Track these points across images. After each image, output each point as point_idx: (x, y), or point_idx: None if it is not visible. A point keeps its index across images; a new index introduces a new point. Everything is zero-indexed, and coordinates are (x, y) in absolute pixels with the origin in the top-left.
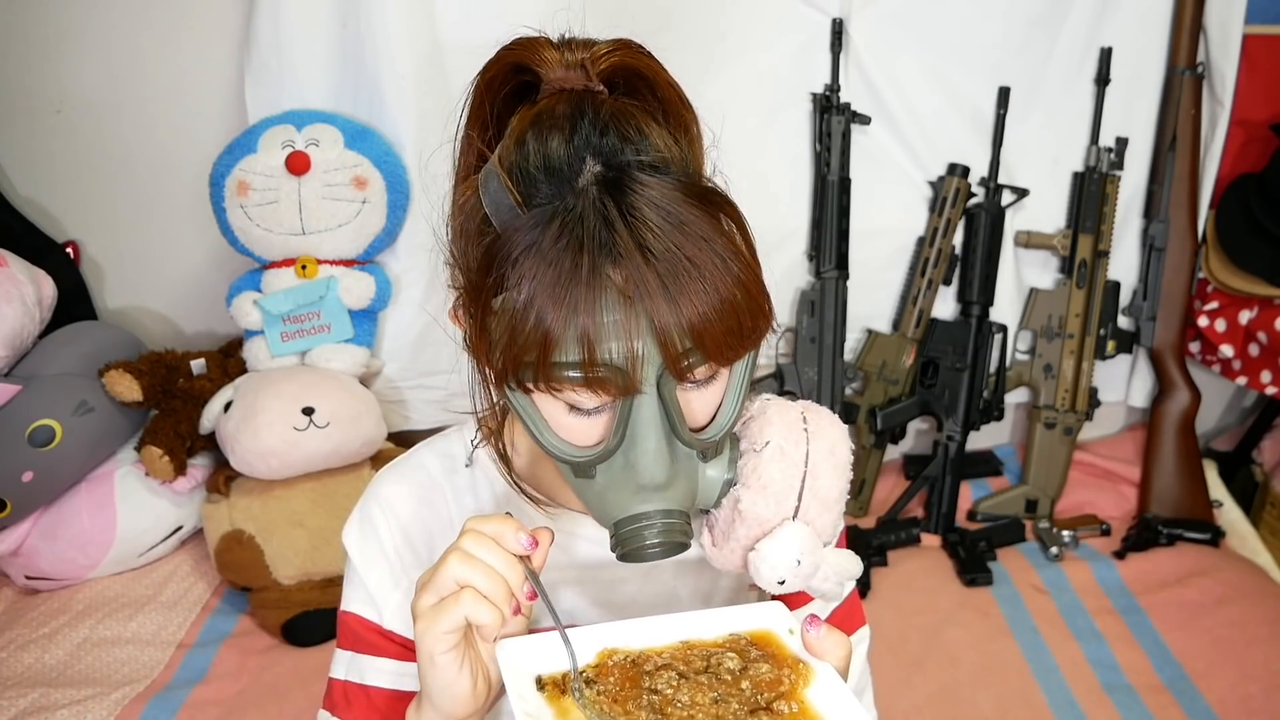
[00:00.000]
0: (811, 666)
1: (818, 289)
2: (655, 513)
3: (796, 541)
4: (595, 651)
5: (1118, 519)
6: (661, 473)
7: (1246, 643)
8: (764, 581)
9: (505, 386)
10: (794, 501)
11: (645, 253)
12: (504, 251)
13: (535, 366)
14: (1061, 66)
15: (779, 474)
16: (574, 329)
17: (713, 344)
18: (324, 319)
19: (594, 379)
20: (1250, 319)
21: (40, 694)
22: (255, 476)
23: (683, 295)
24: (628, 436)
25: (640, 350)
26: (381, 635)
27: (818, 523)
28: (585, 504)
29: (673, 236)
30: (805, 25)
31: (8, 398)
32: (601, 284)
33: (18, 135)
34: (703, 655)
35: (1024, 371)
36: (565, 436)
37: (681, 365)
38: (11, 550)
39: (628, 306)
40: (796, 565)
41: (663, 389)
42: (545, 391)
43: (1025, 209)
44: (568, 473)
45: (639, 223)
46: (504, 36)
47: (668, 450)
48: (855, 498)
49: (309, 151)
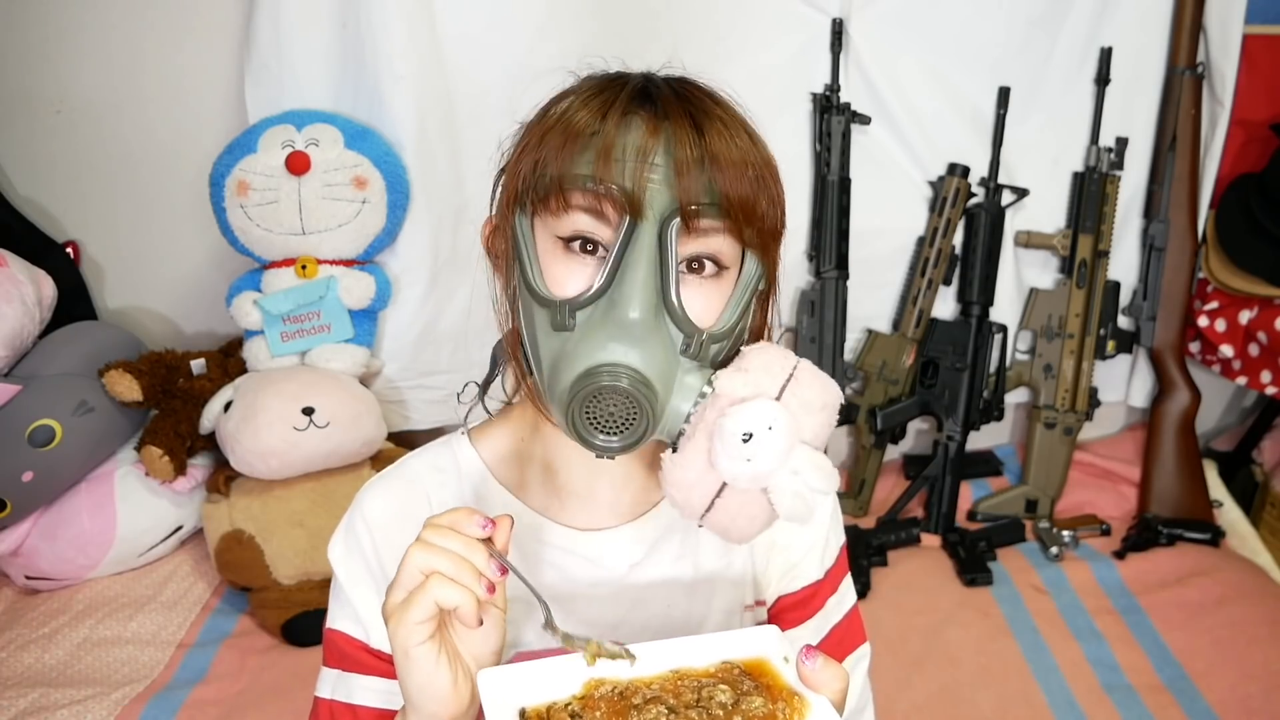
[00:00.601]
0: (807, 700)
1: (818, 289)
2: (623, 364)
3: (771, 409)
4: (581, 682)
5: (1118, 519)
6: (642, 310)
7: (1246, 643)
8: (726, 441)
9: (517, 209)
10: (775, 390)
11: (679, 96)
12: (555, 98)
13: (552, 177)
14: (1061, 66)
15: (760, 362)
16: (595, 143)
17: (734, 197)
18: (324, 319)
19: (605, 194)
20: (1250, 319)
21: (40, 694)
22: (255, 476)
23: (710, 131)
24: (620, 270)
25: (653, 178)
26: (369, 653)
27: (799, 418)
28: (551, 379)
29: (708, 100)
30: (805, 25)
31: (8, 398)
32: (630, 117)
33: (18, 135)
34: (693, 687)
35: (1024, 371)
36: (553, 286)
37: (694, 202)
38: (11, 550)
39: (652, 134)
40: (768, 431)
41: (666, 230)
42: (554, 212)
43: (1025, 209)
44: (545, 328)
45: (682, 86)
46: (504, 35)
47: (655, 298)
48: (855, 498)
49: (309, 151)
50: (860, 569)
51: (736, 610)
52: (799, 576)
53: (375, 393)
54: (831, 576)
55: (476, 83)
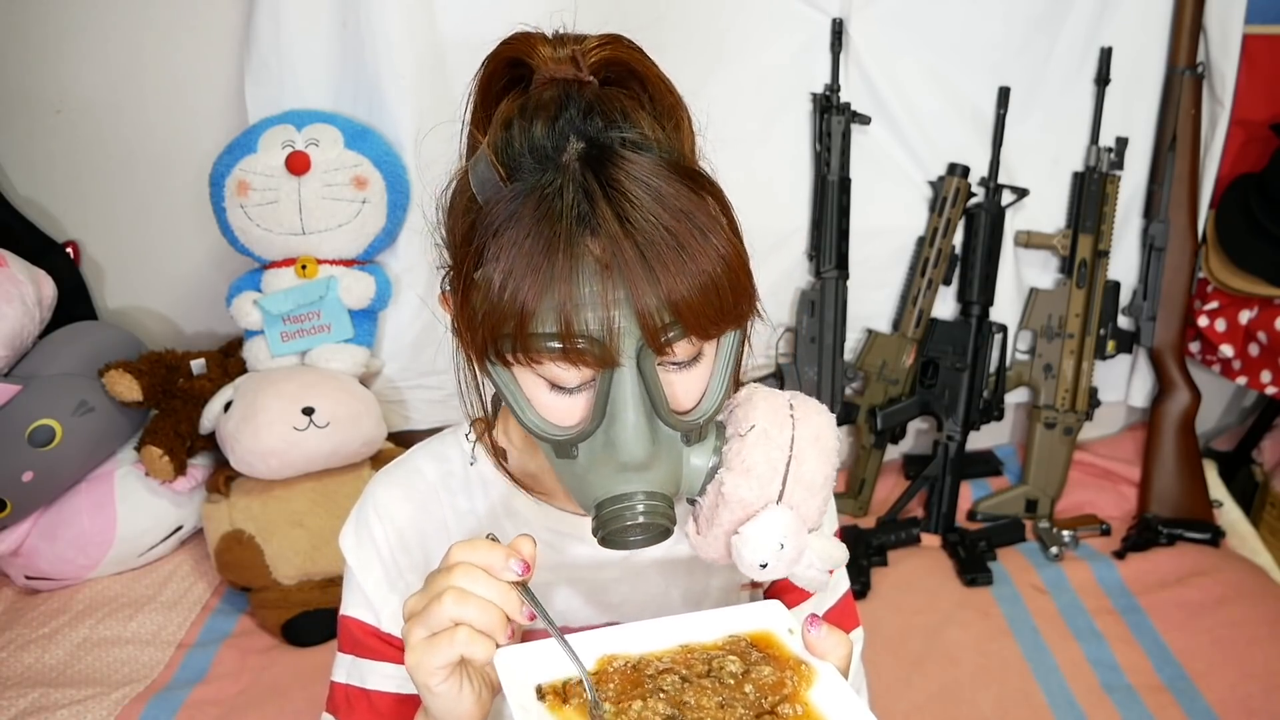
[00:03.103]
0: (813, 667)
1: (818, 289)
2: (637, 494)
3: (780, 525)
4: (595, 658)
5: (1118, 519)
6: (642, 450)
7: (1246, 643)
8: (746, 565)
9: (486, 361)
10: (778, 485)
11: (624, 223)
12: (486, 223)
13: (513, 338)
14: (1061, 66)
15: (762, 457)
16: (551, 299)
17: (691, 317)
18: (324, 319)
19: (572, 350)
20: (1250, 319)
21: (40, 694)
22: (255, 476)
23: (660, 266)
24: (608, 413)
25: (617, 321)
26: (380, 639)
27: (802, 508)
28: (568, 488)
29: (652, 209)
30: (805, 25)
31: (8, 398)
32: (579, 254)
33: (18, 135)
34: (704, 659)
35: (1024, 371)
36: (547, 416)
37: (660, 338)
38: (11, 550)
39: (605, 277)
40: (779, 549)
41: (642, 363)
42: (525, 364)
43: (1025, 209)
44: (550, 453)
45: (619, 195)
46: (503, 35)
47: (648, 428)
48: (855, 498)
49: (309, 151)
50: (860, 569)
51: (734, 589)
52: None
53: (375, 393)
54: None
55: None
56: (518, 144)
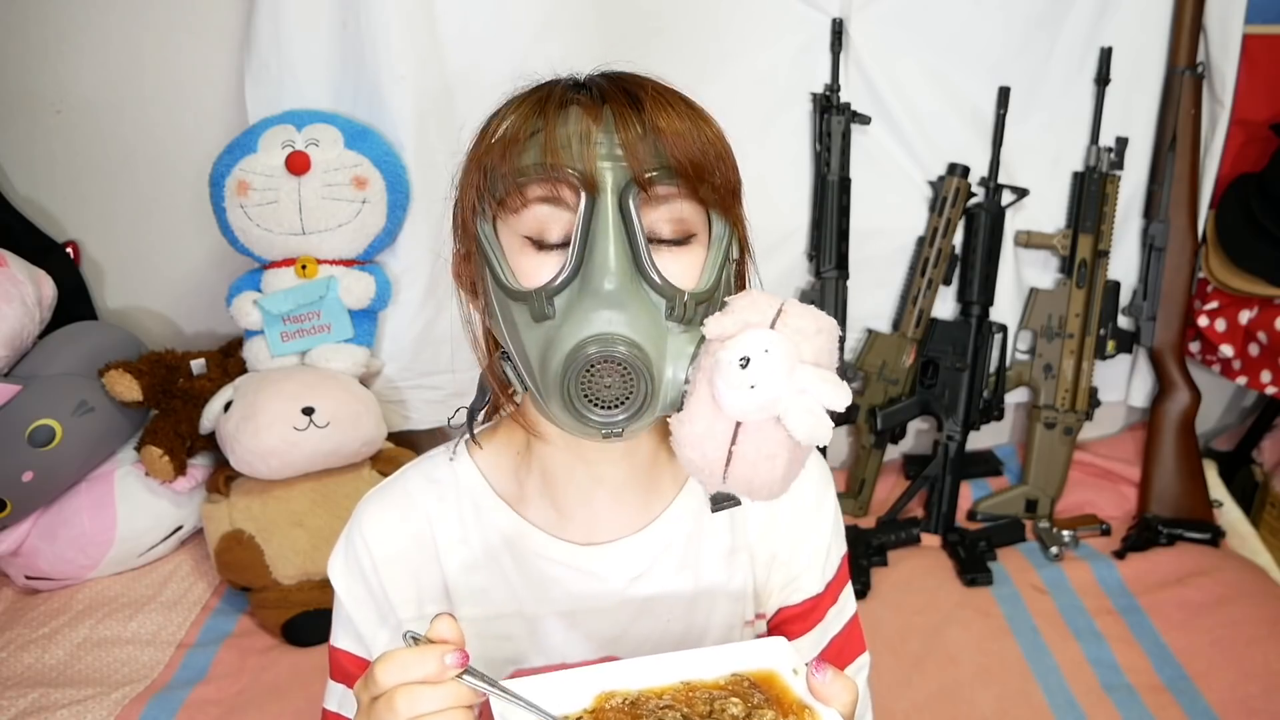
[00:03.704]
0: (817, 712)
1: (818, 289)
2: (614, 334)
3: (766, 335)
4: (592, 695)
5: (1118, 519)
6: (620, 279)
7: (1246, 643)
8: (725, 375)
9: (477, 219)
10: (765, 324)
11: (614, 81)
12: (491, 115)
13: (502, 175)
14: (1061, 66)
15: (747, 303)
16: (537, 135)
17: (681, 158)
18: (324, 319)
19: (557, 176)
20: (1250, 319)
21: (40, 694)
22: (255, 476)
23: (650, 109)
24: (588, 245)
25: (600, 149)
26: None
27: (795, 344)
28: (541, 374)
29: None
30: (805, 25)
31: (8, 398)
32: (568, 104)
33: (18, 135)
34: (705, 699)
35: (1024, 371)
36: (525, 280)
37: (644, 169)
38: (11, 550)
39: (593, 119)
40: (765, 353)
41: (625, 200)
42: (512, 210)
43: (1025, 209)
44: (527, 324)
45: (615, 72)
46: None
47: (629, 266)
48: (855, 497)
49: (309, 151)
50: (860, 569)
51: (736, 625)
52: (800, 589)
53: (375, 393)
54: (831, 589)
55: (476, 83)
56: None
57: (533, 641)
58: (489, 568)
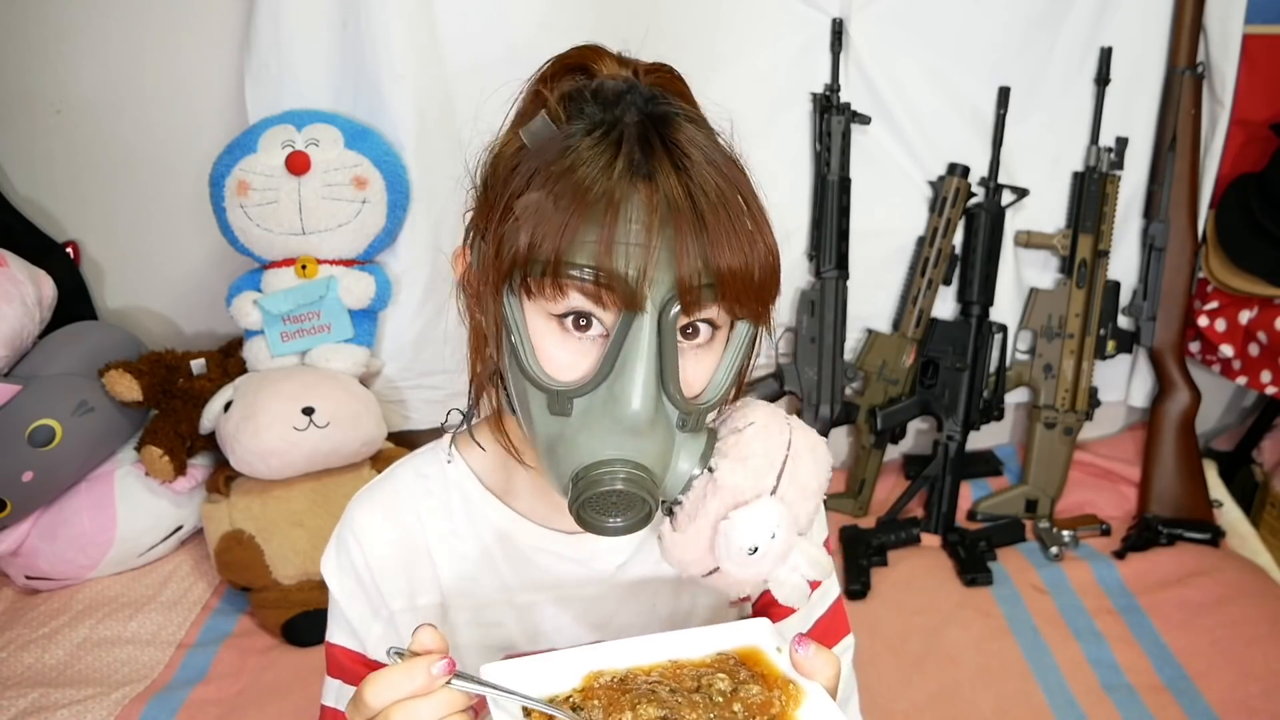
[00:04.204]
0: (801, 687)
1: (818, 289)
2: (625, 461)
3: (774, 513)
4: (581, 675)
5: (1118, 519)
6: (645, 409)
7: (1246, 643)
8: (733, 551)
9: (505, 290)
10: (773, 480)
11: (679, 173)
12: (539, 154)
13: (546, 262)
14: (1061, 66)
15: (761, 449)
16: (592, 228)
17: (728, 281)
18: (324, 319)
19: (601, 282)
20: (1250, 319)
21: (40, 694)
22: (255, 476)
23: (712, 218)
24: (618, 363)
25: (653, 262)
26: (366, 665)
27: (795, 508)
28: (549, 459)
29: (709, 170)
30: (805, 25)
31: (8, 398)
32: (630, 193)
33: (18, 135)
34: (693, 675)
35: (1024, 371)
36: (549, 367)
37: (691, 293)
38: (11, 550)
39: (651, 219)
40: (771, 539)
41: (664, 319)
42: (548, 294)
43: (1025, 209)
44: (541, 409)
45: (678, 149)
46: (504, 35)
47: (655, 391)
48: (855, 498)
49: (309, 151)
50: (860, 569)
51: (721, 606)
52: None
53: (375, 393)
54: None
55: (476, 83)
56: (582, 94)
57: (523, 628)
58: (479, 559)
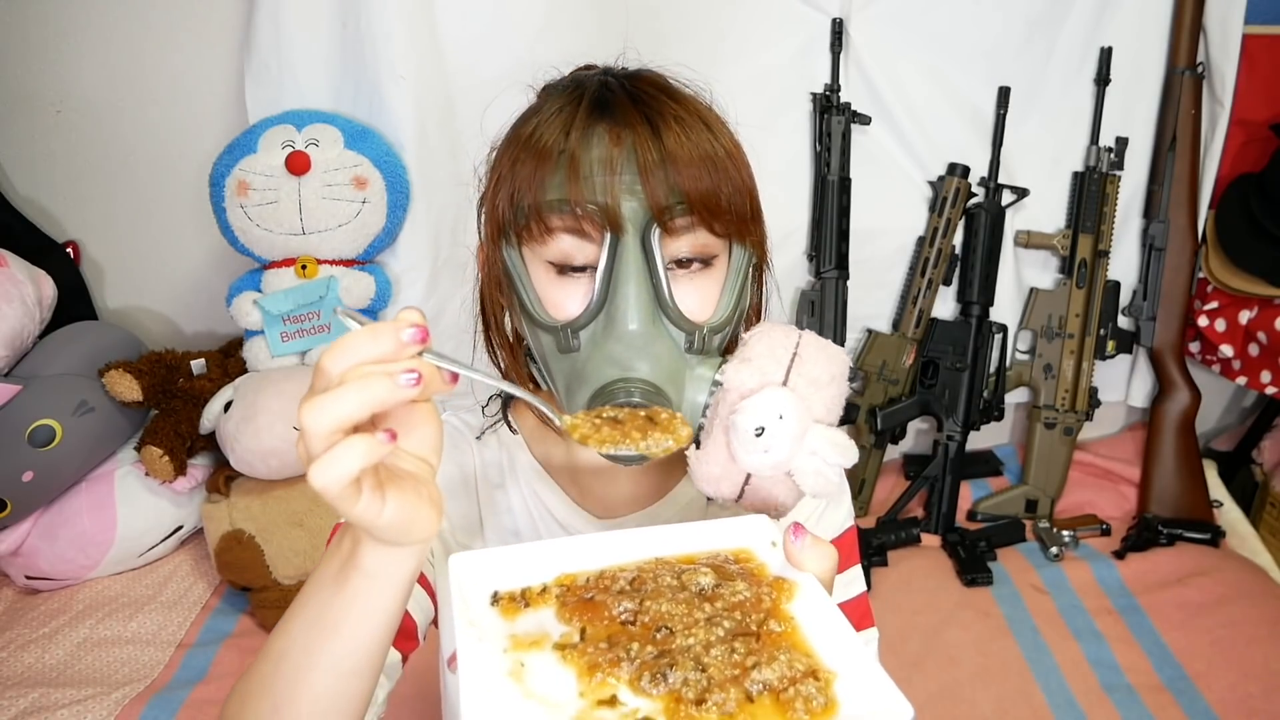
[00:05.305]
0: (794, 580)
1: (818, 289)
2: (635, 379)
3: (779, 397)
4: (554, 575)
5: (1118, 519)
6: (642, 326)
7: (1246, 643)
8: (740, 437)
9: (503, 242)
10: (780, 375)
11: (637, 103)
12: (517, 126)
13: (529, 206)
14: (1061, 66)
15: (765, 349)
16: (562, 167)
17: (695, 196)
18: (324, 319)
19: (578, 211)
20: (1250, 319)
21: (40, 694)
22: (255, 476)
23: (670, 144)
24: (611, 286)
25: (622, 184)
26: None
27: (808, 399)
28: (568, 400)
29: (667, 100)
30: (805, 25)
31: (8, 398)
32: (592, 129)
33: (18, 135)
34: (674, 571)
35: (1024, 371)
36: (551, 309)
37: (666, 213)
38: (11, 550)
39: (613, 148)
40: (779, 419)
41: (648, 240)
42: (537, 239)
43: (1025, 209)
44: (553, 352)
45: (637, 88)
46: (504, 36)
47: (651, 310)
48: (855, 498)
49: (309, 151)
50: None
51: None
52: None
53: None
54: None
55: (476, 83)
56: (555, 85)
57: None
58: (522, 517)
